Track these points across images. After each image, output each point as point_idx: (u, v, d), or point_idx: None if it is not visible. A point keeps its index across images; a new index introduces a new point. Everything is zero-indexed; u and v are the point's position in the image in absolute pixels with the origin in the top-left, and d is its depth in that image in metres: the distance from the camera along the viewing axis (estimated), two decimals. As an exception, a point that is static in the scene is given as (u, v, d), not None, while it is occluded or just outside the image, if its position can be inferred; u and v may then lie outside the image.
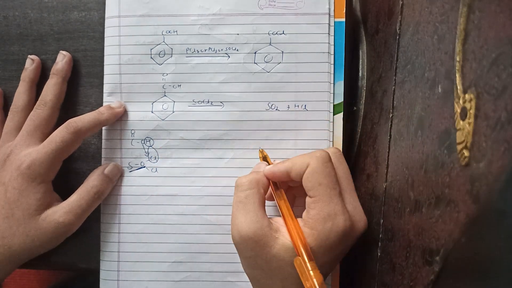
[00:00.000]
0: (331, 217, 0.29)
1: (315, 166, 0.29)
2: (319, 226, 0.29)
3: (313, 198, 0.29)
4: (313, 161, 0.30)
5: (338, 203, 0.29)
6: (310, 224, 0.29)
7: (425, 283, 0.22)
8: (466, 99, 0.19)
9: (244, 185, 0.31)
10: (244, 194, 0.31)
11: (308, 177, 0.30)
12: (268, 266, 0.30)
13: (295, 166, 0.31)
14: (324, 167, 0.29)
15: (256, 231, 0.29)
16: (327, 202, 0.29)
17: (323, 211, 0.29)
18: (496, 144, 0.16)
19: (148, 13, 0.38)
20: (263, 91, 0.38)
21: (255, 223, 0.29)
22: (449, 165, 0.20)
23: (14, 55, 0.41)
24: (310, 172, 0.29)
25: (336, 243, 0.29)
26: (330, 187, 0.29)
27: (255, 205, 0.30)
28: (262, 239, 0.29)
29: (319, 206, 0.29)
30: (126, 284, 0.38)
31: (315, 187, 0.29)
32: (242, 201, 0.31)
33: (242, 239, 0.30)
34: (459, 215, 0.19)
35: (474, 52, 0.19)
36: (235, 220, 0.30)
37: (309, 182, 0.30)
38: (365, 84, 0.38)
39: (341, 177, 0.31)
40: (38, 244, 0.36)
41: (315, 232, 0.29)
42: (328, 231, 0.29)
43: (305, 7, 0.37)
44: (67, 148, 0.36)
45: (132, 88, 0.39)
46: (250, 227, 0.29)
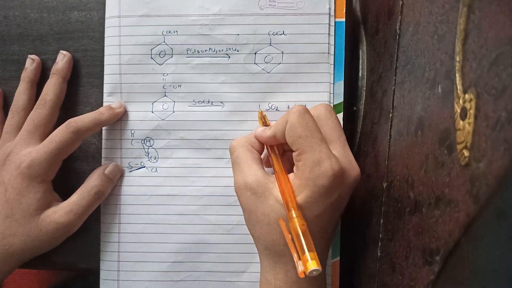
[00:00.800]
0: (316, 163, 0.29)
1: (292, 120, 0.30)
2: (306, 174, 0.29)
3: (297, 151, 0.30)
4: (290, 116, 0.30)
5: (322, 150, 0.29)
6: (298, 175, 0.30)
7: (425, 283, 0.22)
8: (466, 99, 0.19)
9: (234, 147, 0.33)
10: (235, 154, 0.33)
11: (288, 132, 0.30)
12: (267, 220, 0.30)
13: (278, 129, 0.31)
14: (301, 119, 0.30)
15: (253, 181, 0.31)
16: (310, 151, 0.29)
17: (307, 160, 0.29)
18: (496, 144, 0.16)
19: (148, 13, 0.38)
20: (263, 91, 0.38)
21: (251, 174, 0.31)
22: (449, 165, 0.20)
23: (14, 55, 0.41)
24: (288, 127, 0.30)
25: (326, 188, 0.29)
26: (310, 136, 0.29)
27: (248, 161, 0.32)
28: (259, 188, 0.30)
29: (303, 157, 0.29)
30: (126, 284, 0.38)
31: (296, 140, 0.30)
32: (236, 161, 0.32)
33: (241, 188, 0.31)
34: (459, 215, 0.19)
35: (474, 52, 0.19)
36: (235, 178, 0.32)
37: (290, 137, 0.30)
38: (365, 84, 0.38)
39: (331, 128, 0.32)
40: (38, 244, 0.36)
41: (303, 181, 0.29)
42: (315, 176, 0.29)
43: (305, 7, 0.37)
44: (67, 148, 0.36)
45: (132, 88, 0.39)
46: (248, 177, 0.31)
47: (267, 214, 0.30)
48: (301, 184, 0.29)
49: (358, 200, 0.36)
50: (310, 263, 0.26)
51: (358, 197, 0.36)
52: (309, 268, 0.26)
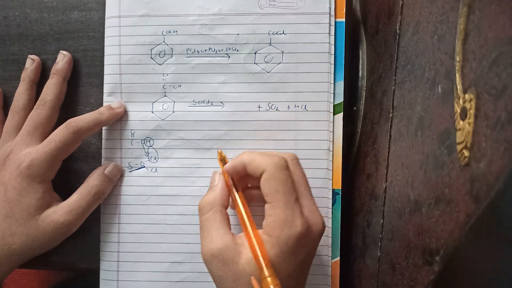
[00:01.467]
0: (288, 222, 0.29)
1: (273, 172, 0.30)
2: (276, 232, 0.29)
3: (271, 204, 0.30)
4: (270, 167, 0.30)
5: (295, 209, 0.29)
6: (268, 231, 0.30)
7: (425, 283, 0.22)
8: (466, 99, 0.19)
9: (204, 208, 0.32)
10: (205, 217, 0.32)
11: (265, 182, 0.30)
12: (238, 285, 0.29)
13: (253, 163, 0.31)
14: (281, 174, 0.30)
15: (220, 248, 0.30)
16: (284, 209, 0.29)
17: (280, 217, 0.29)
18: (496, 144, 0.16)
19: (148, 13, 0.38)
20: (263, 91, 0.38)
21: (218, 240, 0.30)
22: (449, 165, 0.20)
23: (14, 55, 0.41)
24: (267, 178, 0.30)
25: (296, 248, 0.29)
26: (287, 193, 0.30)
27: (216, 224, 0.31)
28: (226, 255, 0.30)
29: (276, 213, 0.29)
30: (125, 284, 0.38)
31: (272, 193, 0.30)
32: (204, 225, 0.32)
33: (208, 258, 0.30)
34: (459, 215, 0.19)
35: (474, 52, 0.19)
36: (202, 243, 0.31)
37: (266, 187, 0.30)
38: (365, 84, 0.38)
39: (297, 182, 0.32)
40: (38, 244, 0.36)
41: (274, 239, 0.29)
42: (286, 236, 0.29)
43: (305, 6, 0.37)
44: (67, 148, 0.36)
45: (132, 88, 0.39)
46: (214, 245, 0.30)
47: (237, 279, 0.29)
48: (272, 241, 0.29)
49: (358, 200, 0.36)
50: None
51: (358, 197, 0.36)
52: None
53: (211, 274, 0.31)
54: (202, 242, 0.31)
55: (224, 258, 0.30)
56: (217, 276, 0.30)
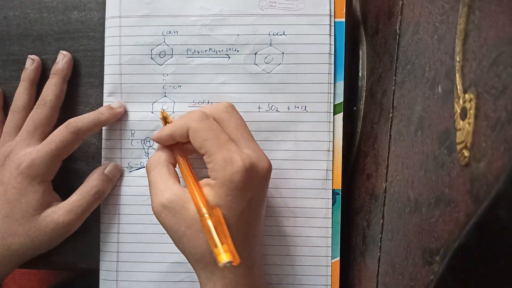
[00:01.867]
0: (227, 161, 0.29)
1: (195, 126, 0.31)
2: (219, 174, 0.30)
3: (206, 154, 0.30)
4: (191, 123, 0.31)
5: (230, 148, 0.30)
6: (213, 176, 0.30)
7: (425, 283, 0.22)
8: (466, 99, 0.19)
9: (150, 166, 0.33)
10: (152, 174, 0.33)
11: (193, 138, 0.31)
12: (192, 232, 0.30)
13: (176, 130, 0.32)
14: (203, 124, 0.31)
15: (169, 197, 0.30)
16: (218, 151, 0.30)
17: (218, 160, 0.30)
18: (496, 144, 0.16)
19: (149, 14, 0.38)
20: (263, 92, 0.38)
21: (166, 191, 0.31)
22: (449, 165, 0.20)
23: (14, 55, 0.41)
24: (192, 133, 0.31)
25: (242, 183, 0.29)
26: (215, 137, 0.30)
27: (163, 178, 0.32)
28: (177, 204, 0.30)
29: (213, 158, 0.30)
30: (125, 284, 0.38)
31: (203, 143, 0.30)
32: (152, 180, 0.32)
33: (158, 209, 0.31)
34: (459, 215, 0.19)
35: (474, 52, 0.19)
36: (152, 199, 0.32)
37: (195, 142, 0.31)
38: (365, 84, 0.38)
39: (234, 127, 0.32)
40: (38, 243, 0.36)
41: (219, 181, 0.30)
42: (230, 174, 0.29)
43: (306, 8, 0.37)
44: (67, 148, 0.36)
45: (132, 88, 0.39)
46: (163, 196, 0.31)
47: (190, 226, 0.30)
48: (218, 183, 0.30)
49: (358, 200, 0.36)
50: (223, 255, 0.27)
51: (358, 197, 0.36)
52: (221, 261, 0.26)
53: (163, 226, 0.31)
54: (152, 197, 0.32)
55: (174, 207, 0.30)
56: (169, 227, 0.31)
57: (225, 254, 0.27)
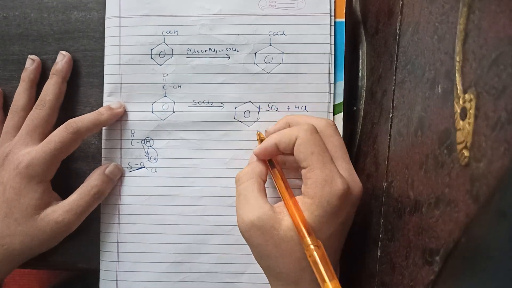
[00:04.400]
0: (328, 182, 0.29)
1: (304, 137, 0.30)
2: (318, 193, 0.29)
3: (308, 168, 0.30)
4: (301, 133, 0.30)
5: (333, 168, 0.29)
6: (309, 193, 0.29)
7: (425, 283, 0.22)
8: (466, 99, 0.19)
9: (242, 178, 0.32)
10: (243, 186, 0.32)
11: (300, 148, 0.30)
12: (279, 252, 0.29)
13: (283, 139, 0.31)
14: (313, 137, 0.30)
15: (260, 216, 0.29)
16: (322, 168, 0.29)
17: (319, 177, 0.29)
18: (496, 144, 0.16)
19: (149, 14, 0.38)
20: (263, 92, 0.38)
21: (257, 209, 0.30)
22: (449, 165, 0.20)
23: (14, 55, 0.41)
24: (300, 143, 0.30)
25: (338, 207, 0.29)
26: (322, 154, 0.30)
27: (254, 193, 0.31)
28: (266, 223, 0.29)
29: (314, 174, 0.29)
30: (125, 284, 0.38)
31: (308, 156, 0.30)
32: (242, 194, 0.31)
33: (247, 227, 0.30)
34: (459, 215, 0.19)
35: (474, 52, 0.19)
36: (238, 212, 0.31)
37: (300, 153, 0.30)
38: (365, 84, 0.38)
39: (335, 146, 0.32)
40: (37, 243, 0.36)
41: (316, 200, 0.29)
42: (328, 195, 0.29)
43: (306, 7, 0.37)
44: (66, 148, 0.36)
45: (132, 88, 0.39)
46: (254, 213, 0.30)
47: (278, 245, 0.29)
48: (314, 203, 0.29)
49: (358, 200, 0.36)
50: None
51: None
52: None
53: (248, 243, 0.31)
54: (239, 211, 0.31)
55: (264, 226, 0.29)
56: (256, 244, 0.30)
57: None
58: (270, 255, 0.30)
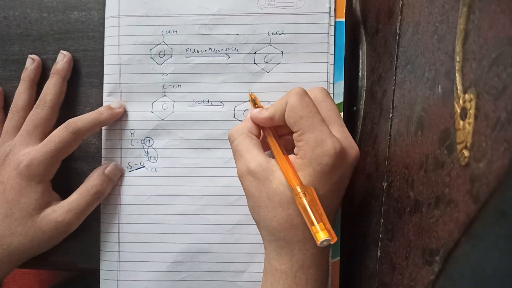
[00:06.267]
0: (318, 143, 0.29)
1: (293, 101, 0.30)
2: (308, 154, 0.29)
3: (298, 132, 0.30)
4: (290, 98, 0.30)
5: (323, 129, 0.30)
6: (301, 155, 0.30)
7: (425, 283, 0.22)
8: (466, 99, 0.19)
9: (232, 135, 0.33)
10: (236, 142, 0.32)
11: (289, 114, 0.30)
12: (272, 204, 0.30)
13: (277, 110, 0.31)
14: (301, 100, 0.30)
15: (255, 167, 0.30)
16: (312, 130, 0.29)
17: (309, 139, 0.29)
18: (496, 144, 0.16)
19: (148, 13, 0.38)
20: (263, 91, 0.38)
21: (252, 160, 0.31)
22: (449, 165, 0.20)
23: (14, 55, 0.41)
24: (289, 108, 0.30)
25: (330, 167, 0.29)
26: (311, 116, 0.30)
27: (248, 147, 0.31)
28: (262, 174, 0.30)
29: (305, 137, 0.30)
30: (126, 284, 0.38)
31: (297, 120, 0.30)
32: (236, 150, 0.32)
33: (242, 174, 0.31)
34: (459, 215, 0.19)
35: (474, 52, 0.19)
36: (237, 165, 0.32)
37: (290, 118, 0.30)
38: (365, 84, 0.38)
39: (328, 109, 0.32)
40: (37, 243, 0.36)
41: (307, 160, 0.29)
42: (319, 156, 0.29)
43: (305, 6, 0.37)
44: (66, 148, 0.36)
45: (132, 88, 0.39)
46: (249, 163, 0.31)
47: (271, 197, 0.30)
48: (304, 163, 0.29)
49: (358, 200, 0.36)
50: (320, 233, 0.26)
51: (358, 197, 0.36)
52: (319, 239, 0.26)
53: (245, 191, 0.32)
54: (237, 164, 0.32)
55: (259, 177, 0.30)
56: (251, 193, 0.31)
57: (323, 233, 0.26)
58: (263, 206, 0.30)
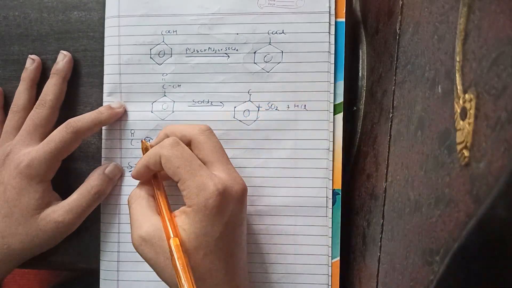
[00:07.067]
0: (200, 188, 0.30)
1: (167, 153, 0.31)
2: (194, 200, 0.30)
3: (179, 181, 0.30)
4: (163, 150, 0.31)
5: (203, 174, 0.30)
6: (188, 203, 0.30)
7: (425, 283, 0.22)
8: (466, 99, 0.19)
9: (130, 201, 0.33)
10: (131, 208, 0.33)
11: (166, 166, 0.31)
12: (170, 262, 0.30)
13: (150, 160, 0.32)
14: (175, 151, 0.31)
15: (147, 230, 0.30)
16: (191, 178, 0.30)
17: (191, 187, 0.30)
18: (496, 144, 0.16)
19: (148, 13, 0.38)
20: (263, 91, 0.38)
21: (144, 223, 0.31)
22: (449, 165, 0.20)
23: (14, 55, 0.41)
24: (164, 162, 0.31)
25: (217, 208, 0.29)
26: (188, 164, 0.30)
27: (142, 210, 0.32)
28: (154, 235, 0.30)
29: (186, 185, 0.30)
30: (125, 284, 0.38)
31: (175, 171, 0.30)
32: (132, 214, 0.32)
33: (137, 243, 0.31)
34: (459, 215, 0.19)
35: (474, 52, 0.19)
36: (131, 231, 0.32)
37: (168, 169, 0.31)
38: (365, 84, 0.38)
39: (210, 150, 0.32)
40: (38, 243, 0.36)
41: (194, 207, 0.30)
42: (204, 200, 0.29)
43: (305, 5, 0.37)
44: (66, 148, 0.36)
45: (132, 88, 0.39)
46: (141, 229, 0.31)
47: (169, 256, 0.30)
48: (192, 211, 0.30)
49: (358, 200, 0.36)
50: None
51: (358, 197, 0.36)
52: None
53: (144, 258, 0.32)
54: (131, 230, 0.32)
55: (152, 239, 0.30)
56: (149, 259, 0.31)
57: None
58: (165, 267, 0.30)
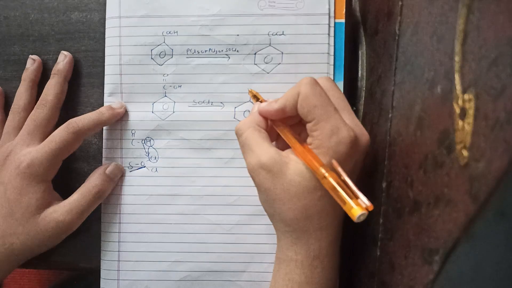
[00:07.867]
0: (334, 131, 0.29)
1: (305, 91, 0.29)
2: (325, 143, 0.29)
3: (313, 122, 0.29)
4: (302, 88, 0.30)
5: (337, 118, 0.29)
6: (316, 144, 0.29)
7: (424, 282, 0.22)
8: (465, 99, 0.19)
9: (240, 129, 0.32)
10: (244, 136, 0.31)
11: (302, 104, 0.30)
12: (287, 196, 0.29)
13: (288, 101, 0.31)
14: (313, 89, 0.30)
15: (268, 160, 0.30)
16: (326, 120, 0.29)
17: (325, 129, 0.29)
18: (495, 144, 0.16)
19: (149, 14, 0.38)
20: (263, 92, 0.38)
21: (263, 153, 0.30)
22: (448, 165, 0.20)
23: (15, 55, 0.41)
24: (302, 99, 0.30)
25: (345, 156, 0.29)
26: (325, 105, 0.29)
27: (258, 140, 0.31)
28: (274, 166, 0.29)
29: (320, 126, 0.29)
30: (126, 283, 0.38)
31: (311, 110, 0.29)
32: (245, 144, 0.31)
33: (254, 169, 0.30)
34: (458, 215, 0.19)
35: (473, 52, 0.19)
36: (247, 160, 0.31)
37: (303, 108, 0.30)
38: (365, 85, 0.38)
39: (337, 98, 0.31)
40: (38, 243, 0.36)
41: (324, 150, 0.29)
42: (335, 144, 0.28)
43: (305, 7, 0.38)
44: (67, 148, 0.36)
45: (132, 88, 0.39)
46: (261, 157, 0.30)
47: (287, 190, 0.29)
48: (321, 152, 0.29)
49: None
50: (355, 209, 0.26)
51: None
52: (355, 214, 0.26)
53: (258, 187, 0.31)
54: (247, 158, 0.31)
55: (272, 170, 0.29)
56: (265, 188, 0.30)
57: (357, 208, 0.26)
58: (279, 200, 0.30)
